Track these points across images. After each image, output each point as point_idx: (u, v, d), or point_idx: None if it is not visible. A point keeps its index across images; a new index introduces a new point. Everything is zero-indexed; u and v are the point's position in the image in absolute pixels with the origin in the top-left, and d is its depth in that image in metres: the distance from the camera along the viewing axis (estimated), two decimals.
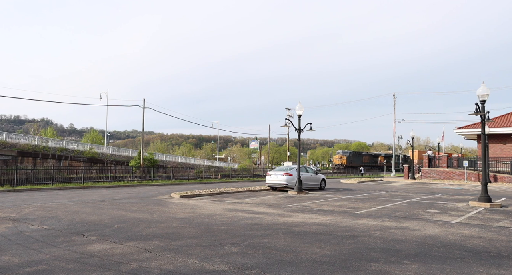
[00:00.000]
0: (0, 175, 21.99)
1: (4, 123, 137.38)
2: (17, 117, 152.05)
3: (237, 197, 16.22)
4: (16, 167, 23.07)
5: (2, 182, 20.99)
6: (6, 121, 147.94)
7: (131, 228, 8.16)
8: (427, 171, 35.08)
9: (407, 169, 38.03)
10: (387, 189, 23.45)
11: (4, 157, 34.16)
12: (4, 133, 40.38)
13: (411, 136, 36.89)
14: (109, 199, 14.73)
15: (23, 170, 24.52)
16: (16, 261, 5.33)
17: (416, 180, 34.93)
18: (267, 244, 6.62)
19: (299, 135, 19.67)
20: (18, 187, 20.26)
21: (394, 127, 53.26)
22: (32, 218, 9.47)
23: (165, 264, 5.20)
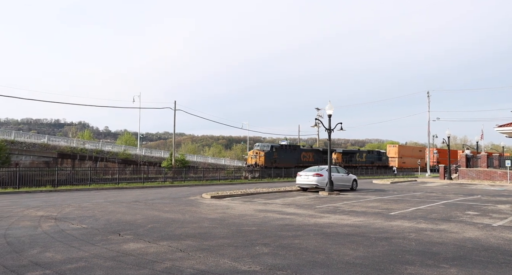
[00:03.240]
0: (43, 176, 23.17)
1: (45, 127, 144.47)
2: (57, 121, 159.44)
3: (268, 198, 16.22)
4: (57, 168, 24.22)
5: (44, 182, 22.10)
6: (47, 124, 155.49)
7: (164, 227, 8.34)
8: (465, 171, 33.65)
9: (443, 169, 36.66)
10: (421, 189, 22.70)
11: (45, 159, 35.92)
12: (46, 136, 42.52)
13: (447, 135, 35.49)
14: (142, 199, 15.15)
15: (63, 171, 25.69)
16: (58, 257, 5.59)
17: (453, 180, 33.59)
18: (298, 245, 6.58)
19: (330, 135, 19.42)
20: (59, 187, 21.24)
21: (429, 126, 51.50)
22: (72, 217, 9.90)
23: (198, 264, 5.28)
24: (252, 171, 37.28)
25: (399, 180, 35.43)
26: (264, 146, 41.82)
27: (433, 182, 32.83)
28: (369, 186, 26.52)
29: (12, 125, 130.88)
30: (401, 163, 65.60)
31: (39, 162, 35.18)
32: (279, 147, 41.97)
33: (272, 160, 39.95)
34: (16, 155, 33.71)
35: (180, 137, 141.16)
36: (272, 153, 40.23)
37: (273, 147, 41.05)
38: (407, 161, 67.11)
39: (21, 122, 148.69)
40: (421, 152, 72.43)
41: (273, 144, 43.77)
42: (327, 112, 18.96)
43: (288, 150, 42.70)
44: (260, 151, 40.29)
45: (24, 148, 36.20)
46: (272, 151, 40.45)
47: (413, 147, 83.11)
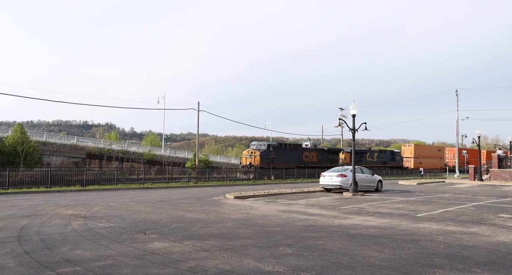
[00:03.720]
0: (72, 176, 23.96)
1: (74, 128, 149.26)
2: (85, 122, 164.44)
3: (291, 198, 16.15)
4: (85, 169, 25.00)
5: (74, 182, 22.86)
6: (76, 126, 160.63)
7: (188, 227, 8.45)
8: (497, 172, 32.38)
9: (473, 170, 35.40)
10: (450, 191, 22.01)
11: (75, 159, 37.14)
12: (75, 137, 43.97)
13: (477, 134, 34.26)
14: (167, 199, 15.40)
15: (90, 171, 26.47)
16: (87, 255, 5.76)
17: (483, 181, 32.39)
18: (322, 246, 6.51)
19: (354, 135, 19.14)
20: (87, 187, 21.91)
21: (457, 126, 49.96)
22: (99, 216, 10.18)
23: (222, 264, 5.31)
24: (246, 172, 34.26)
25: (425, 181, 34.49)
26: (260, 144, 38.21)
27: (462, 183, 31.76)
28: (395, 187, 25.94)
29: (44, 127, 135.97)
30: (417, 163, 60.43)
31: (68, 162, 36.41)
32: (277, 146, 38.60)
33: (269, 160, 36.53)
34: (47, 156, 35.01)
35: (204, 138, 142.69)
36: (269, 153, 36.81)
37: (270, 146, 37.64)
38: (424, 162, 61.63)
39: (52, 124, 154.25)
40: (440, 151, 68.01)
41: (270, 143, 39.88)
42: (351, 112, 18.71)
43: (288, 149, 39.38)
44: (255, 150, 36.81)
45: (55, 148, 37.55)
46: (269, 150, 36.93)
47: (430, 146, 77.35)
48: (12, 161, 29.23)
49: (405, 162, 58.07)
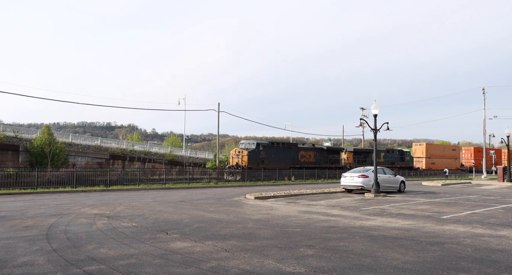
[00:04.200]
0: (96, 176, 24.59)
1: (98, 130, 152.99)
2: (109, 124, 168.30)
3: (312, 199, 16.04)
4: (109, 169, 25.58)
5: (98, 182, 23.44)
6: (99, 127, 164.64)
7: (209, 227, 8.52)
8: None
9: (501, 171, 34.21)
10: (477, 192, 21.34)
11: (99, 160, 38.06)
12: (98, 138, 45.08)
13: (507, 134, 33.08)
14: (188, 199, 15.57)
15: (114, 171, 27.04)
16: (111, 254, 5.89)
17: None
18: (343, 247, 6.44)
19: (375, 135, 18.84)
20: (111, 187, 22.41)
21: (484, 125, 48.40)
22: (123, 215, 10.39)
23: (243, 264, 5.33)
24: (233, 173, 31.83)
25: (451, 181, 33.58)
26: (249, 143, 35.28)
27: (490, 184, 30.72)
28: (418, 188, 25.36)
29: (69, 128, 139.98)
30: (430, 163, 56.34)
31: (93, 162, 37.34)
32: (268, 145, 35.55)
33: (258, 160, 33.64)
34: (73, 156, 36.03)
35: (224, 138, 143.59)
36: (258, 152, 33.92)
37: (260, 145, 34.62)
38: (437, 162, 57.53)
39: (77, 125, 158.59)
40: (455, 151, 63.39)
41: (260, 141, 36.71)
42: (373, 112, 18.43)
43: (281, 148, 36.36)
44: (243, 149, 33.90)
45: (80, 149, 38.60)
46: (258, 150, 34.02)
47: (444, 145, 71.94)
48: (40, 162, 30.23)
49: (416, 162, 54.95)
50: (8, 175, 22.25)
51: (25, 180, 22.18)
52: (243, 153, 33.39)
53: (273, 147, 35.74)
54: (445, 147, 65.10)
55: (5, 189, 19.51)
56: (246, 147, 34.40)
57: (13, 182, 21.52)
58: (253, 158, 33.33)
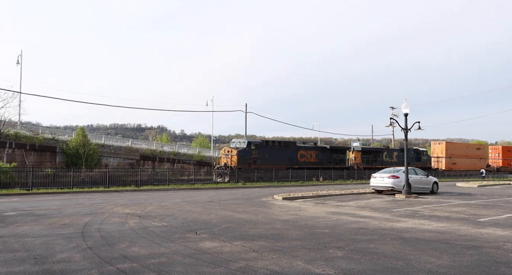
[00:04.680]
0: (127, 177, 25.32)
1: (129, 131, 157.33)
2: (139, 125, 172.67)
3: (340, 200, 15.81)
4: (139, 170, 26.27)
5: (129, 182, 24.13)
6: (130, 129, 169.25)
7: (237, 228, 8.57)
8: None
9: None
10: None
11: (130, 161, 39.13)
12: (129, 140, 46.38)
13: None
14: (216, 200, 15.73)
15: (144, 172, 27.75)
16: (143, 252, 6.04)
17: None
18: (374, 249, 6.30)
19: (406, 135, 18.36)
20: (141, 187, 23.01)
21: None
22: (153, 215, 10.64)
23: (271, 265, 5.32)
24: (221, 174, 30.04)
25: (488, 183, 32.18)
26: (239, 142, 32.98)
27: None
28: (452, 189, 24.46)
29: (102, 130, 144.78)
30: (450, 164, 51.63)
31: (124, 163, 38.44)
32: (262, 144, 33.31)
33: (250, 159, 31.41)
34: (105, 157, 37.24)
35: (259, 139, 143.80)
36: (250, 151, 31.70)
37: (252, 144, 32.39)
38: (459, 162, 52.70)
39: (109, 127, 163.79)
40: (480, 150, 58.12)
41: (252, 140, 34.87)
42: (403, 111, 17.96)
43: (277, 147, 34.03)
44: (232, 149, 31.77)
45: (112, 150, 39.85)
46: (250, 149, 31.79)
47: (467, 144, 65.96)
48: (75, 162, 31.45)
49: (435, 163, 50.94)
50: (46, 175, 23.31)
51: (61, 179, 23.16)
52: (233, 153, 31.12)
53: (267, 146, 33.61)
54: (468, 146, 59.76)
55: (44, 188, 20.44)
56: (237, 146, 32.29)
57: (51, 182, 22.52)
58: (243, 157, 31.05)
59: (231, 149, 31.62)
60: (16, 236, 7.40)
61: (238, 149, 31.33)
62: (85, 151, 32.02)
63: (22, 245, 6.53)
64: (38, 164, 30.01)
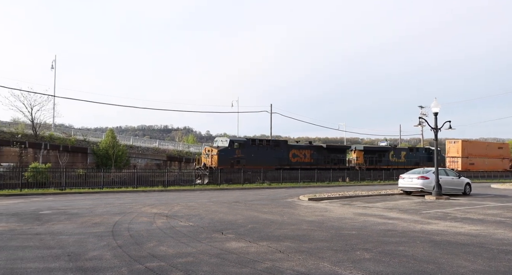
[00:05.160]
0: (155, 177, 25.87)
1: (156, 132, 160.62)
2: (165, 127, 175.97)
3: (367, 201, 15.53)
4: (166, 170, 26.78)
5: (156, 183, 24.65)
6: (157, 130, 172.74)
7: (263, 228, 8.57)
8: None
9: None
10: None
11: (157, 161, 39.95)
12: (157, 141, 47.37)
13: None
14: (242, 200, 15.80)
15: (171, 172, 28.26)
16: (170, 251, 6.15)
17: None
18: (403, 252, 6.14)
19: (436, 135, 17.82)
20: (168, 187, 23.44)
21: None
22: (180, 215, 10.81)
23: (297, 266, 5.29)
24: (200, 176, 28.03)
25: None
26: (222, 141, 30.71)
27: None
28: (486, 190, 23.52)
29: (130, 131, 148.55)
30: (467, 164, 46.71)
31: (151, 164, 39.28)
32: (247, 143, 30.79)
33: (232, 159, 29.13)
34: (134, 158, 38.19)
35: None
36: (232, 151, 29.39)
37: (234, 142, 29.96)
38: (477, 162, 47.61)
39: (137, 128, 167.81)
40: (502, 149, 52.28)
41: (236, 138, 32.41)
42: (433, 110, 17.43)
43: (265, 146, 31.53)
44: (213, 148, 29.64)
45: (140, 151, 40.82)
46: (232, 148, 29.46)
47: (487, 142, 58.05)
48: (105, 163, 32.44)
49: (450, 163, 46.74)
50: (78, 175, 24.19)
51: (92, 180, 23.96)
52: (213, 152, 28.88)
53: (253, 144, 31.15)
54: (488, 145, 53.48)
55: (76, 188, 21.20)
56: (218, 145, 30.18)
57: (82, 182, 23.34)
58: (224, 157, 28.75)
59: (212, 148, 29.55)
60: (52, 233, 7.70)
61: (219, 148, 29.15)
62: (114, 152, 32.96)
63: (57, 243, 6.79)
64: (71, 164, 31.15)
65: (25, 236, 7.41)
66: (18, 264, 5.34)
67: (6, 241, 6.96)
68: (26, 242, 6.89)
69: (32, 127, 32.98)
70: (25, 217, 10.21)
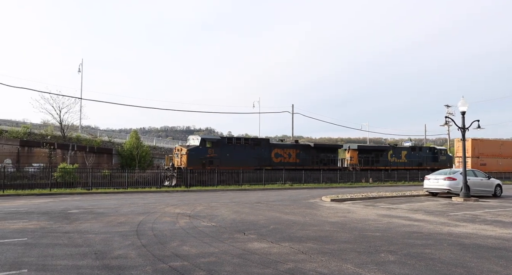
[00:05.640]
0: (177, 178, 26.20)
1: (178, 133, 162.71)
2: (188, 128, 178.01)
3: (392, 202, 15.23)
4: (189, 171, 27.08)
5: (180, 183, 24.95)
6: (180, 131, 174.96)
7: (285, 229, 8.54)
8: None
9: None
10: None
11: None
12: (179, 142, 48.00)
13: None
14: (264, 201, 15.79)
15: (193, 173, 28.55)
16: (193, 251, 6.21)
17: None
18: (429, 255, 5.98)
19: (464, 135, 17.28)
20: (191, 187, 23.70)
21: None
22: (202, 215, 10.91)
23: (320, 267, 5.24)
24: (169, 177, 26.18)
25: None
26: (193, 139, 28.39)
27: None
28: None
29: (153, 132, 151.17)
30: (478, 165, 41.86)
31: None
32: (222, 141, 28.24)
33: (204, 160, 26.70)
34: (157, 158, 38.85)
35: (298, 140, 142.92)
36: (204, 150, 26.93)
37: (207, 141, 27.43)
38: (489, 163, 42.99)
39: (160, 129, 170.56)
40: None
41: (208, 136, 30.24)
42: (460, 109, 16.91)
43: (242, 145, 29.00)
44: (182, 147, 27.53)
45: (163, 152, 41.50)
46: (204, 147, 27.01)
47: (501, 141, 51.36)
48: (129, 164, 33.16)
49: (460, 163, 41.01)
50: (104, 176, 24.83)
51: (117, 180, 24.53)
52: (182, 152, 26.65)
53: (230, 143, 28.60)
54: (502, 143, 47.75)
55: (102, 188, 21.77)
56: (190, 144, 28.19)
57: (108, 182, 23.95)
58: (195, 157, 26.41)
59: (182, 147, 27.49)
60: (79, 232, 7.93)
61: (189, 147, 27.00)
62: (138, 153, 33.63)
63: (84, 241, 6.99)
64: (96, 165, 32.01)
65: (55, 234, 7.67)
66: (49, 261, 5.53)
67: (38, 238, 7.22)
68: (56, 240, 7.13)
69: (61, 129, 34.09)
70: (54, 215, 10.56)
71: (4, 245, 6.59)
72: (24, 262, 5.45)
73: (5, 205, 13.49)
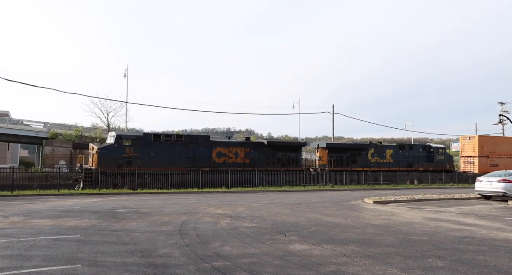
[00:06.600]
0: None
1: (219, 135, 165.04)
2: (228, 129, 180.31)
3: (439, 205, 14.52)
4: (229, 172, 27.43)
5: (220, 184, 25.33)
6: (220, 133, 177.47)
7: (326, 231, 8.40)
8: None
9: None
10: None
11: None
12: None
13: None
14: (304, 202, 15.65)
15: (234, 174, 28.87)
16: (235, 252, 6.28)
17: None
18: (483, 262, 5.63)
19: None
20: (231, 188, 23.99)
21: None
22: (243, 216, 11.00)
23: (363, 271, 5.10)
24: (77, 180, 22.96)
25: None
26: (110, 137, 24.47)
27: None
28: None
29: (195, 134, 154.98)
30: (488, 165, 36.49)
31: None
32: (143, 139, 24.19)
33: (120, 159, 23.07)
34: None
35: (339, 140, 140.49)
36: (120, 148, 23.17)
37: (124, 138, 23.66)
38: (502, 163, 36.55)
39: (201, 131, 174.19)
40: None
41: (126, 133, 26.79)
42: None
43: (172, 143, 25.03)
44: (94, 145, 24.16)
45: None
46: (120, 145, 23.22)
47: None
48: None
49: (466, 164, 38.33)
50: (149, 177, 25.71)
51: None
52: (93, 151, 23.39)
53: (156, 140, 24.57)
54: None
55: (147, 189, 22.58)
56: (102, 143, 25.59)
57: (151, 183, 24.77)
58: (107, 156, 22.75)
59: (93, 146, 24.13)
60: (126, 230, 8.29)
61: (101, 146, 23.93)
62: None
63: (131, 239, 7.30)
64: None
65: (104, 232, 8.07)
66: (100, 257, 5.83)
67: (89, 236, 7.64)
68: (105, 237, 7.50)
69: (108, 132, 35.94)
70: (103, 214, 11.11)
71: (61, 241, 7.04)
72: (77, 258, 5.79)
73: (60, 204, 14.39)
